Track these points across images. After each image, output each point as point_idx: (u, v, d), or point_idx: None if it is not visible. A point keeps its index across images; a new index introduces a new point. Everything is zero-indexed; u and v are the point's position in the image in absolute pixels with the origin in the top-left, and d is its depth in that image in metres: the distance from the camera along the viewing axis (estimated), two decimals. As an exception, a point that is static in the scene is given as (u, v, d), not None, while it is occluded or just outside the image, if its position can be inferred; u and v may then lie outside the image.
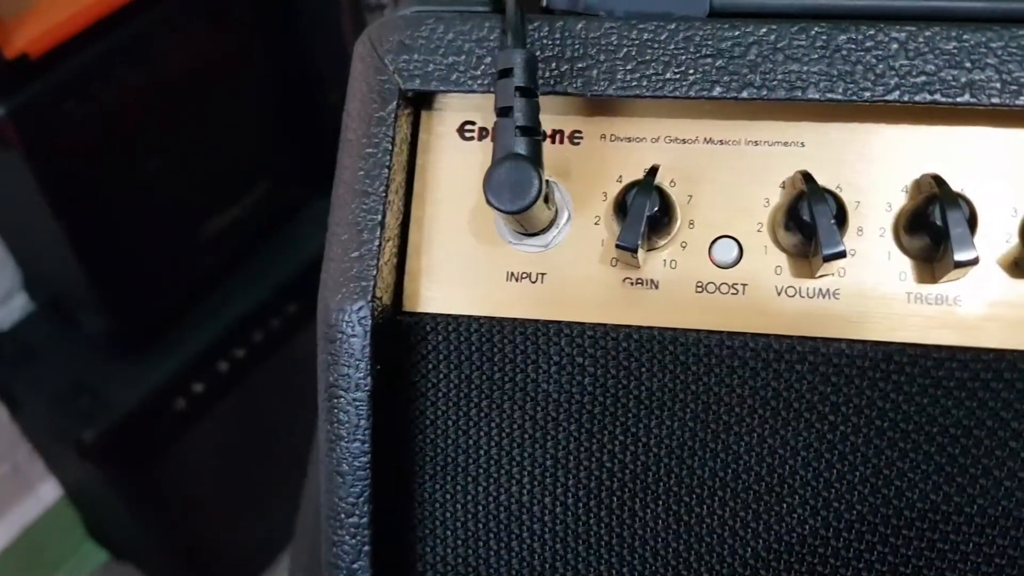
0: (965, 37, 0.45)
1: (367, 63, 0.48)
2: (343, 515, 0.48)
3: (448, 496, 0.50)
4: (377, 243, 0.47)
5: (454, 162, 0.50)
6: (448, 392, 0.49)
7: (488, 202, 0.42)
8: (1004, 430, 0.46)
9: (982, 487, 0.46)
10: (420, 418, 0.49)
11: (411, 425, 0.49)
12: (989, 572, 0.46)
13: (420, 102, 0.50)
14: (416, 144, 0.50)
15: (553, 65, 0.47)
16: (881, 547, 0.47)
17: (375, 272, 0.46)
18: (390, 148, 0.47)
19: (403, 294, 0.50)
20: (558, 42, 0.47)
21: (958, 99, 0.44)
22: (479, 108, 0.50)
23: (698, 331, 0.48)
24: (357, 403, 0.46)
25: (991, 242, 0.46)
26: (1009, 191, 0.46)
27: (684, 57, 0.46)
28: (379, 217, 0.47)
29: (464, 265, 0.49)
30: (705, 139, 0.49)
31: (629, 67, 0.46)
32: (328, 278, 0.47)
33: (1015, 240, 0.46)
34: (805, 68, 0.45)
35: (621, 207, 0.46)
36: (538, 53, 0.47)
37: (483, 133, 0.50)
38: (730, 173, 0.48)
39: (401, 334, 0.49)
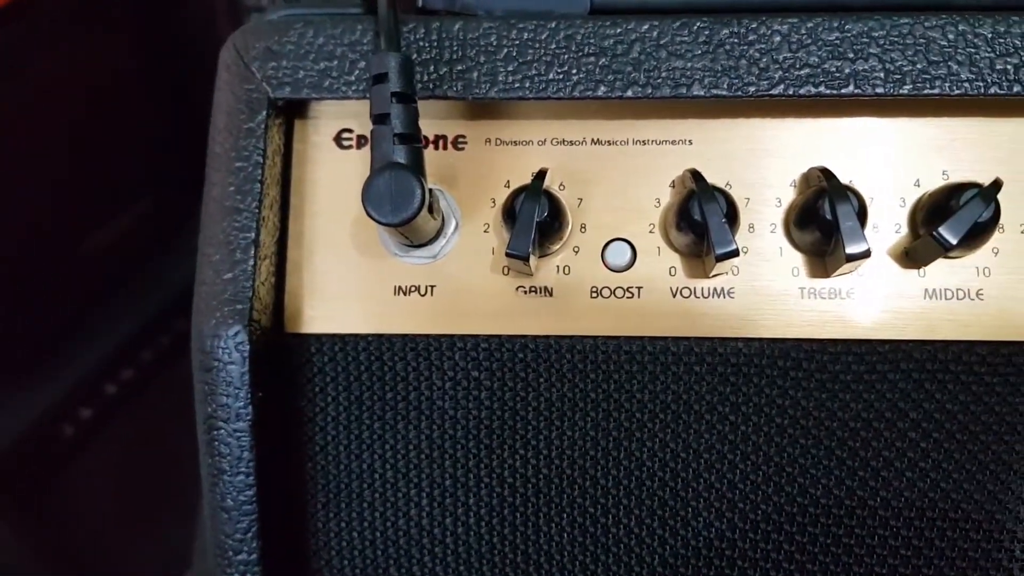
0: (847, 27, 0.44)
1: (233, 71, 0.45)
2: (231, 552, 0.45)
3: (343, 525, 0.47)
4: (252, 263, 0.44)
5: (332, 172, 0.47)
6: (337, 416, 0.47)
7: (368, 215, 0.40)
8: (903, 421, 0.46)
9: (884, 479, 0.46)
10: (309, 445, 0.47)
11: (299, 453, 0.47)
12: (895, 564, 0.46)
13: (292, 111, 0.47)
14: (290, 155, 0.47)
15: (431, 68, 0.45)
16: (787, 545, 0.47)
17: (251, 294, 0.44)
18: (261, 161, 0.44)
19: (284, 315, 0.47)
20: (435, 44, 0.45)
21: (842, 90, 0.44)
22: (356, 115, 0.47)
23: (595, 337, 0.46)
24: (239, 434, 0.44)
25: (882, 233, 0.46)
26: (897, 181, 0.46)
27: (566, 56, 0.45)
28: (252, 235, 0.44)
29: (348, 281, 0.47)
30: (592, 140, 0.47)
31: (511, 68, 0.45)
32: (200, 302, 0.44)
33: (905, 230, 0.46)
34: (689, 64, 0.44)
35: (510, 213, 0.45)
36: (415, 56, 0.45)
37: (362, 141, 0.48)
38: (619, 174, 0.47)
39: (283, 357, 0.46)
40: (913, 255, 0.45)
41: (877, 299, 0.46)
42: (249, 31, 0.46)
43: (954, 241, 0.41)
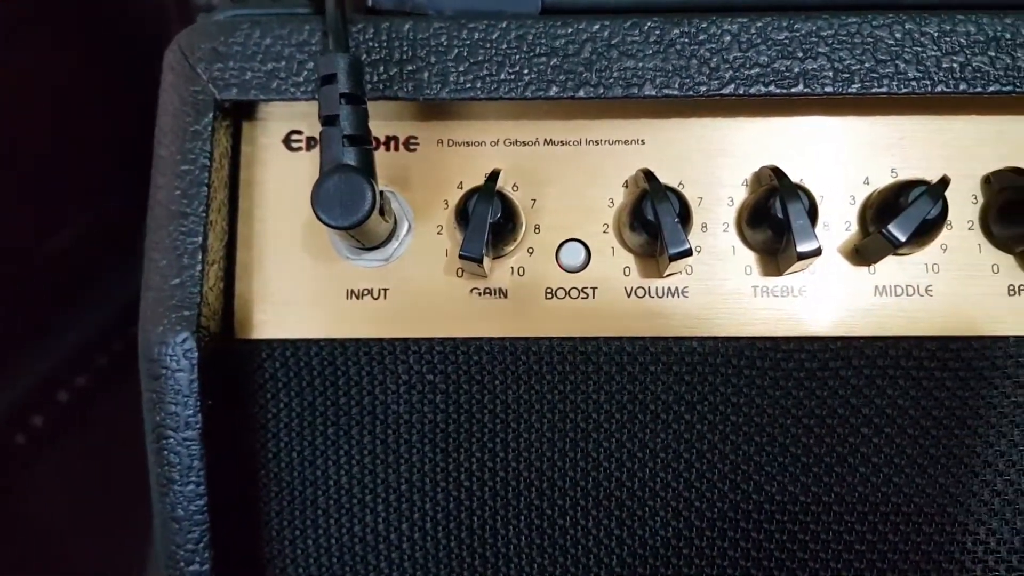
0: (796, 27, 0.45)
1: (178, 73, 0.45)
2: (183, 563, 0.44)
3: (297, 533, 0.46)
4: (199, 268, 0.43)
5: (282, 175, 0.47)
6: (290, 422, 0.46)
7: (318, 218, 0.40)
8: (855, 417, 0.46)
9: (837, 475, 0.46)
10: (261, 452, 0.46)
11: (251, 461, 0.46)
12: (850, 559, 0.47)
13: (240, 113, 0.47)
14: (238, 158, 0.47)
15: (381, 69, 0.44)
16: (744, 543, 0.47)
17: (199, 299, 0.43)
18: (208, 164, 0.43)
19: (234, 320, 0.46)
20: (385, 44, 0.44)
21: (792, 89, 0.44)
22: (306, 116, 0.47)
23: (550, 339, 0.46)
24: (188, 443, 0.43)
25: (832, 231, 0.46)
26: (846, 179, 0.47)
27: (518, 57, 0.44)
28: (200, 239, 0.43)
29: (299, 285, 0.46)
30: (545, 140, 0.47)
31: (462, 68, 0.44)
32: (147, 309, 0.43)
33: (855, 228, 0.46)
34: (640, 64, 0.44)
35: (463, 215, 0.44)
36: (364, 56, 0.44)
37: (312, 143, 0.47)
38: (573, 174, 0.47)
39: (234, 364, 0.45)
40: (863, 252, 0.46)
41: (829, 296, 0.46)
42: (195, 32, 0.45)
43: (903, 238, 0.42)
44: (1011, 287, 0.46)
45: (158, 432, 0.43)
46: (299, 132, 0.47)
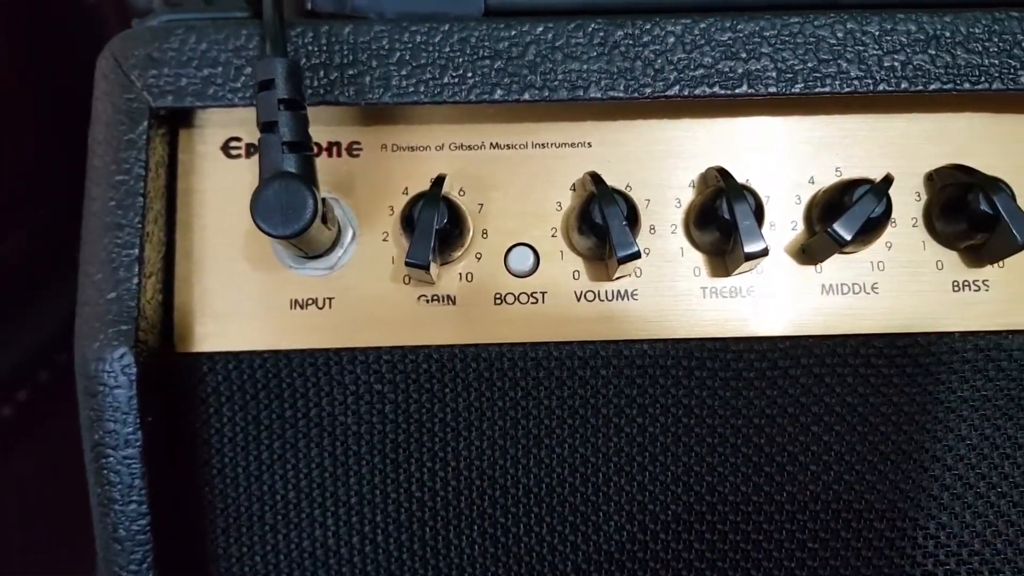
0: (739, 27, 0.44)
1: (111, 80, 0.43)
2: (126, 585, 0.43)
3: (245, 550, 0.45)
4: (136, 280, 0.42)
5: (221, 183, 0.46)
6: (234, 437, 0.45)
7: (258, 227, 0.39)
8: (805, 416, 0.46)
9: (789, 474, 0.46)
10: (205, 469, 0.45)
11: (195, 478, 0.45)
12: (803, 557, 0.47)
13: (176, 120, 0.45)
14: (175, 166, 0.45)
15: (321, 73, 0.43)
16: (698, 544, 0.47)
17: (136, 313, 0.42)
18: (143, 173, 0.42)
19: (174, 334, 0.45)
20: (325, 48, 0.43)
21: (736, 90, 0.44)
22: (244, 123, 0.46)
23: (500, 345, 0.46)
24: (128, 461, 0.41)
25: (779, 231, 0.46)
26: (792, 179, 0.47)
27: (461, 60, 0.44)
28: (136, 251, 0.42)
29: (241, 296, 0.45)
30: (491, 144, 0.47)
31: (404, 72, 0.44)
32: (83, 324, 0.42)
33: (801, 227, 0.47)
34: (585, 66, 0.44)
35: (408, 221, 0.44)
36: (303, 61, 0.43)
37: (251, 150, 0.46)
38: (520, 178, 0.46)
39: (174, 378, 0.44)
40: (810, 252, 0.46)
41: (777, 296, 0.46)
42: (128, 38, 0.44)
43: (848, 237, 0.42)
44: (955, 283, 0.46)
45: (97, 451, 0.42)
46: (238, 139, 0.46)
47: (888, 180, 0.43)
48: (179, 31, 0.43)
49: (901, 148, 0.47)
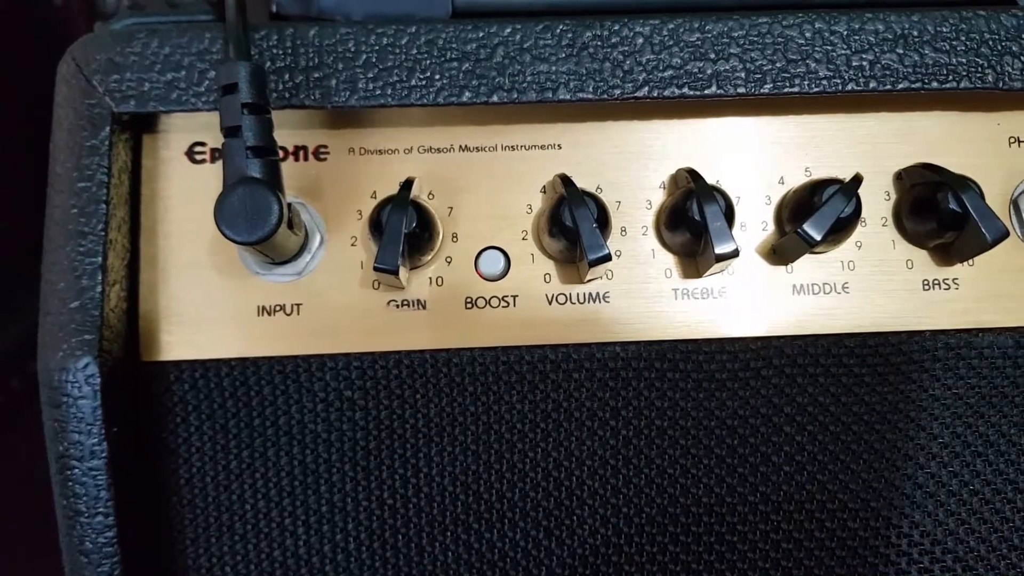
0: (708, 28, 0.44)
1: (73, 86, 0.42)
2: (93, 599, 0.42)
3: (214, 560, 0.45)
4: (99, 289, 0.41)
5: (185, 189, 0.45)
6: (202, 446, 0.44)
7: (222, 233, 0.38)
8: (778, 416, 0.46)
9: (762, 474, 0.46)
10: (172, 479, 0.44)
11: (163, 488, 0.44)
12: (777, 558, 0.47)
13: (139, 125, 0.45)
14: (139, 172, 0.45)
15: (287, 76, 0.43)
16: (673, 547, 0.47)
17: (100, 322, 0.41)
18: (106, 180, 0.41)
19: (139, 343, 0.44)
20: (290, 51, 0.43)
21: (705, 91, 0.44)
22: (209, 127, 0.45)
23: (471, 349, 0.45)
24: (94, 473, 0.41)
25: (749, 232, 0.46)
26: (761, 179, 0.47)
27: (428, 62, 0.43)
28: (99, 259, 0.41)
29: (207, 303, 0.44)
30: (460, 147, 0.46)
31: (371, 75, 0.43)
32: (46, 334, 0.41)
33: (772, 228, 0.46)
34: (554, 68, 0.43)
35: (377, 225, 0.43)
36: (268, 64, 0.43)
37: (216, 155, 0.45)
38: (490, 181, 0.46)
39: (140, 388, 0.43)
40: (780, 252, 0.46)
41: (748, 297, 0.46)
42: (89, 42, 0.43)
43: (818, 237, 0.42)
44: (925, 282, 0.46)
45: (62, 463, 0.41)
46: (203, 144, 0.45)
47: (857, 180, 0.43)
48: (142, 35, 0.43)
49: (870, 147, 0.47)
